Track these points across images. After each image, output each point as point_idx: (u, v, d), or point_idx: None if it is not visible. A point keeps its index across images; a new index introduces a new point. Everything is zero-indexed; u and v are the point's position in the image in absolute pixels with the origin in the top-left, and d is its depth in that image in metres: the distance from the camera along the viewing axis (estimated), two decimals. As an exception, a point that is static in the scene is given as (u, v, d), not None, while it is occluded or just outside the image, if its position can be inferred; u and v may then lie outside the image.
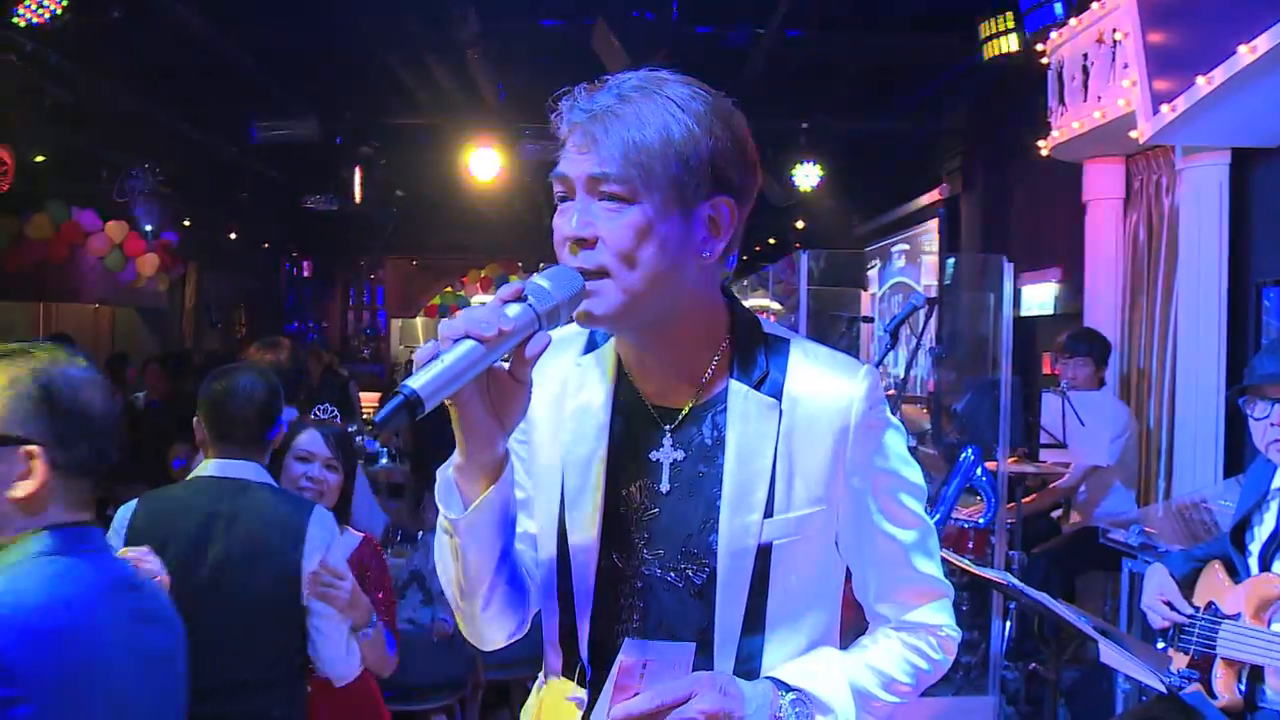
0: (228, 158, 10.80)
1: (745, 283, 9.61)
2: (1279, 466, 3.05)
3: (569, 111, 1.45)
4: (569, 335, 1.62)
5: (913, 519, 1.58)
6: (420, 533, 5.71)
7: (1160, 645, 3.19)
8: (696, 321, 1.52)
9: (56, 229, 10.97)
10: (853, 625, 1.63)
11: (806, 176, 9.77)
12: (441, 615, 5.06)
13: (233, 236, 14.53)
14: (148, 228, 11.26)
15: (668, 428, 1.54)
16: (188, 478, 3.01)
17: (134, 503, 2.87)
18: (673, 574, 1.52)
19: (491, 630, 1.61)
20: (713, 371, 1.53)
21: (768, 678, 1.50)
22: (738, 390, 1.51)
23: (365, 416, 12.20)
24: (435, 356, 1.29)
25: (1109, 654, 3.21)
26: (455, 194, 11.51)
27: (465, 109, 9.44)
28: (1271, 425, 2.99)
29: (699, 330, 1.53)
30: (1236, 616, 2.96)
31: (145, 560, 2.46)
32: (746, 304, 1.62)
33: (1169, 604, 3.15)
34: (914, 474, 1.58)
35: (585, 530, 1.54)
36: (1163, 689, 3.07)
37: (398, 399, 1.25)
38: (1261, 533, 3.06)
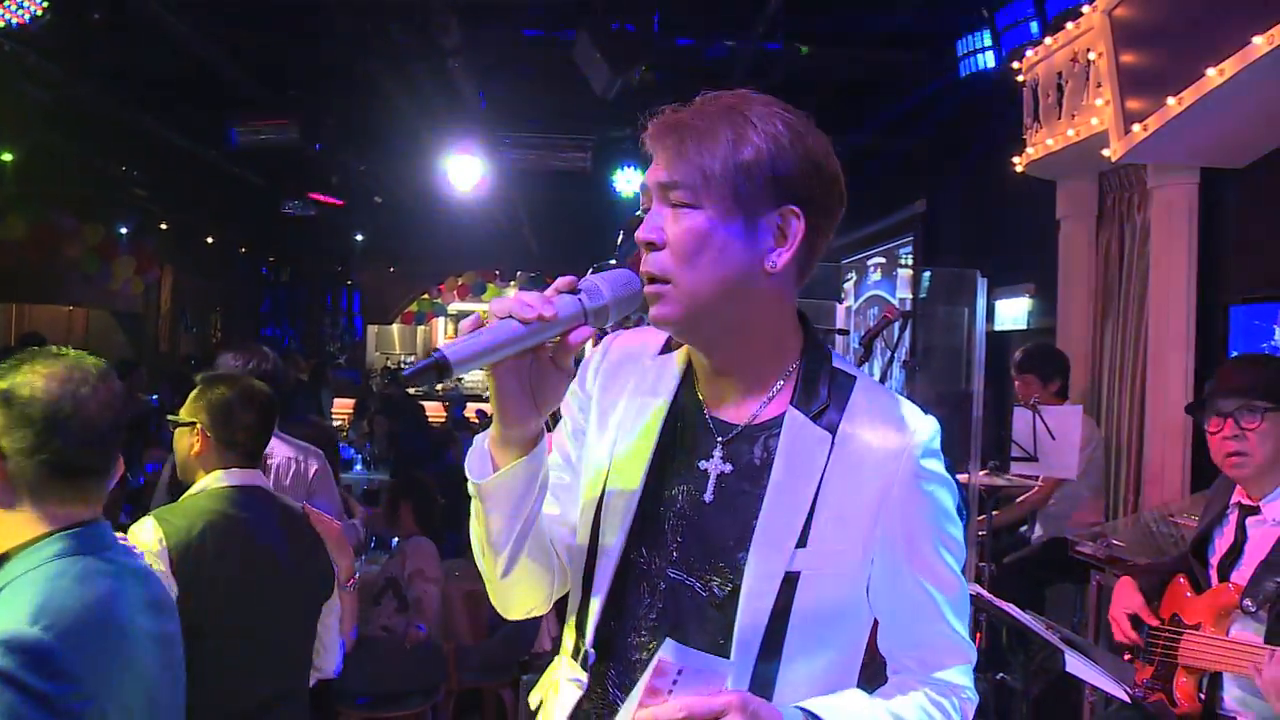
0: (207, 161, 10.78)
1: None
2: (1238, 485, 3.11)
3: (650, 126, 1.52)
4: (651, 334, 1.68)
5: (950, 577, 1.55)
6: (395, 539, 5.72)
7: (1126, 656, 3.24)
8: (764, 338, 1.55)
9: (31, 230, 10.92)
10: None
11: (785, 189, 9.77)
12: (416, 623, 5.07)
13: (210, 240, 14.50)
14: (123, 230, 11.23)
15: (720, 440, 1.56)
16: (204, 489, 2.94)
17: (154, 521, 2.77)
18: (698, 582, 1.54)
19: (512, 598, 1.70)
20: (775, 394, 1.56)
21: (798, 707, 1.47)
22: (794, 418, 1.53)
23: (340, 424, 12.19)
24: (476, 330, 1.38)
25: (1075, 665, 3.26)
26: (434, 201, 11.53)
27: (446, 116, 9.46)
28: (1224, 439, 3.05)
29: (766, 348, 1.56)
30: (1197, 626, 3.02)
31: None
32: None
33: (1135, 616, 3.21)
34: (956, 531, 1.56)
35: (617, 523, 1.58)
36: (1126, 698, 3.13)
37: (429, 359, 1.34)
38: (1221, 545, 3.13)
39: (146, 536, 2.74)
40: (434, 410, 13.53)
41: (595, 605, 1.60)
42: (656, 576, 1.56)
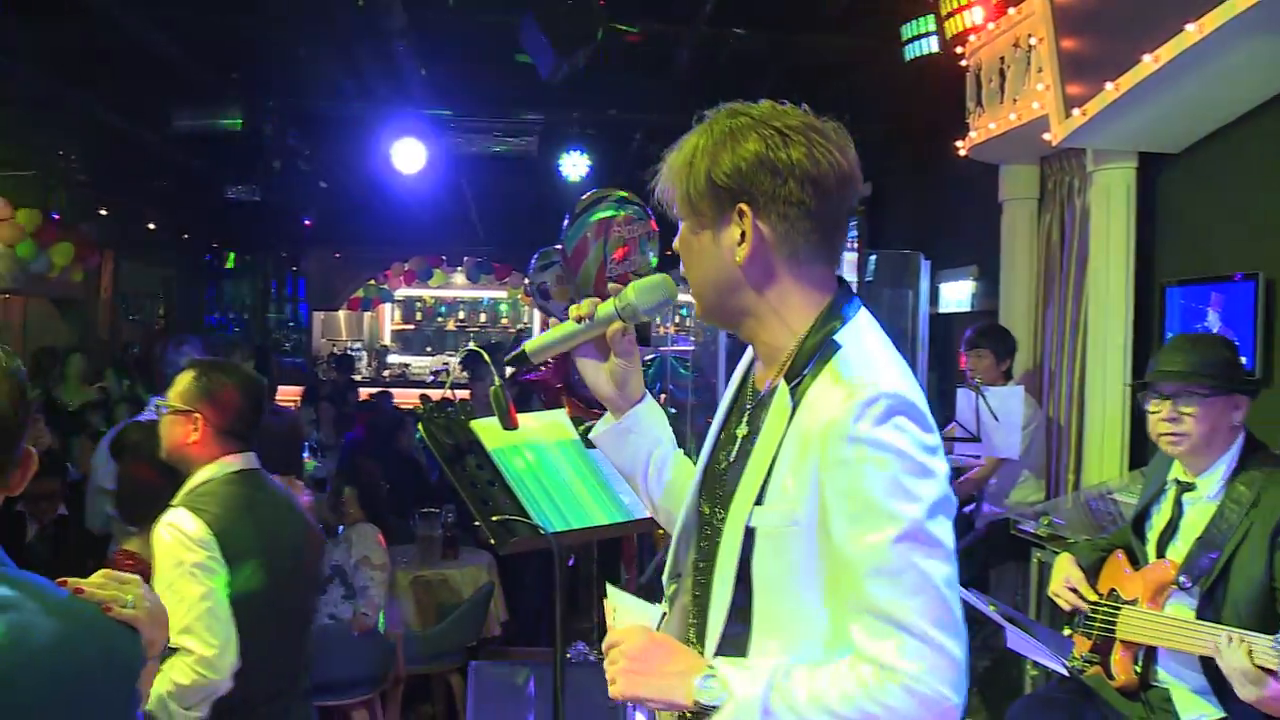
0: (148, 145, 10.60)
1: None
2: (1176, 461, 3.19)
3: None
4: None
5: (877, 544, 1.51)
6: (341, 527, 5.69)
7: (1066, 632, 3.31)
8: (771, 319, 1.72)
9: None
10: None
11: (730, 173, 9.81)
12: (362, 609, 5.05)
13: (151, 226, 14.28)
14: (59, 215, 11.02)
15: (748, 408, 1.79)
16: (217, 476, 3.04)
17: (188, 512, 2.90)
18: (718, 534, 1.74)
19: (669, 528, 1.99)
20: (784, 366, 1.71)
21: (709, 663, 1.65)
22: (780, 387, 1.68)
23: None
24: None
25: (1016, 641, 3.33)
26: (380, 186, 11.43)
27: (391, 100, 9.39)
28: (1162, 419, 3.13)
29: (776, 326, 1.72)
30: (1134, 601, 3.09)
31: None
32: None
33: (1075, 591, 3.28)
34: (902, 505, 1.52)
35: (694, 482, 1.87)
36: (1065, 672, 3.20)
37: (517, 350, 1.94)
38: (1159, 522, 3.20)
39: (189, 526, 2.87)
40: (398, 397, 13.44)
41: (670, 549, 1.90)
42: (705, 526, 1.80)
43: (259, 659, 2.93)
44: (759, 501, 1.63)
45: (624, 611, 1.84)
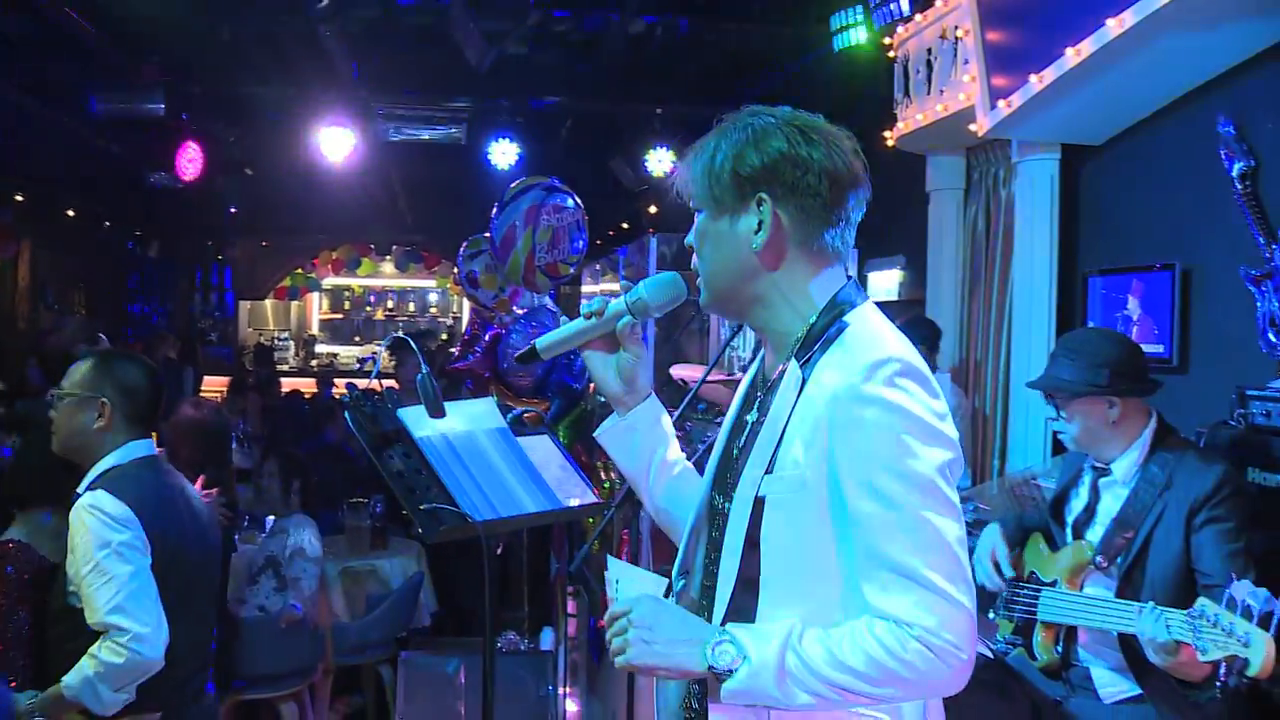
0: (66, 130, 10.35)
1: (597, 266, 9.74)
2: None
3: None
4: None
5: (890, 500, 1.57)
6: (270, 517, 5.62)
7: (990, 615, 3.36)
8: (782, 306, 1.79)
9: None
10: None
11: (660, 161, 9.86)
12: (291, 602, 4.99)
13: (71, 213, 13.95)
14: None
15: (759, 395, 1.84)
16: (128, 460, 3.08)
17: (106, 493, 2.95)
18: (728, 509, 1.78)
19: (671, 533, 2.08)
20: (791, 349, 1.78)
21: (721, 627, 1.68)
22: (791, 367, 1.75)
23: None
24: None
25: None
26: (306, 173, 11.28)
27: (317, 86, 9.26)
28: (1050, 419, 3.33)
29: (787, 313, 1.79)
30: (1054, 583, 3.15)
31: None
32: (596, 288, 1.84)
33: (996, 565, 3.35)
34: (912, 463, 1.58)
35: (707, 476, 1.92)
36: (990, 655, 3.26)
37: (528, 347, 2.00)
38: (1076, 505, 3.27)
39: (112, 507, 2.91)
40: (307, 385, 13.31)
41: (685, 536, 1.95)
42: (717, 517, 1.82)
43: (178, 643, 2.97)
44: (769, 471, 1.69)
45: (627, 582, 1.83)
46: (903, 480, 1.57)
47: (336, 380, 13.24)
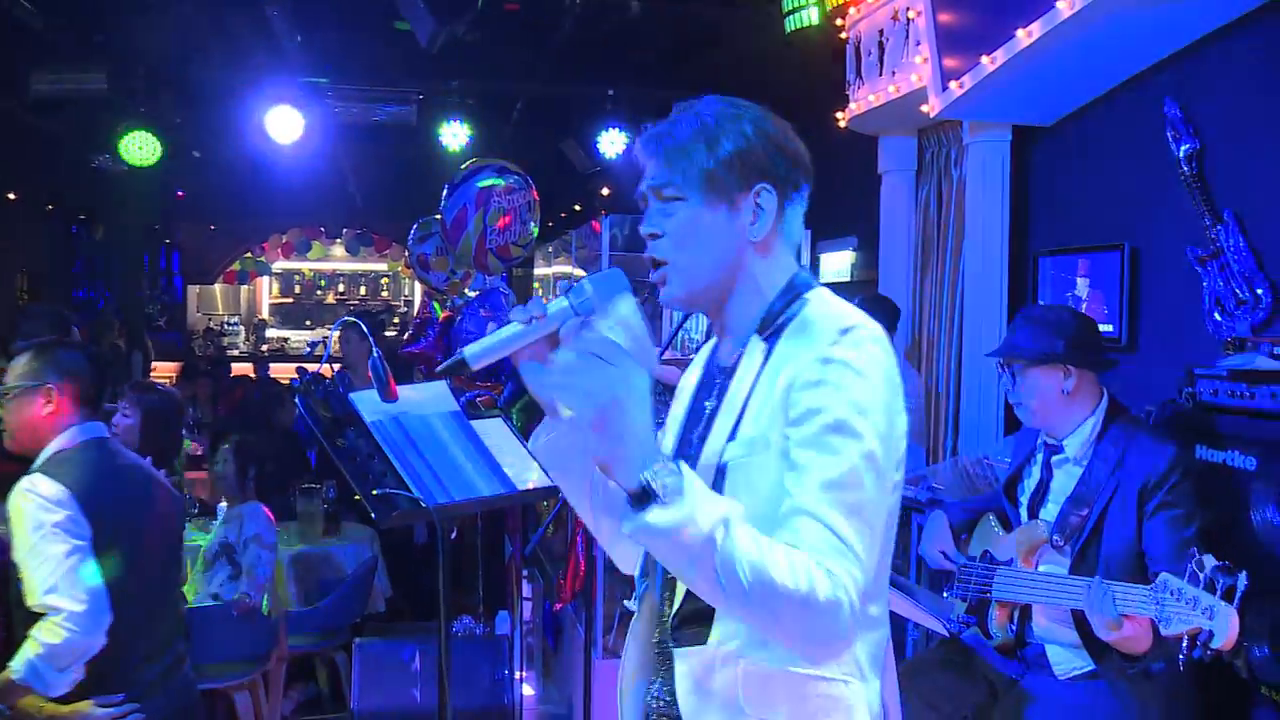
0: (5, 111, 10.13)
1: (550, 248, 9.68)
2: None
3: (639, 141, 1.83)
4: None
5: (838, 464, 1.58)
6: (221, 505, 5.56)
7: (945, 594, 3.39)
8: (755, 297, 1.80)
9: None
10: None
11: (612, 143, 9.82)
12: (245, 589, 4.94)
13: (12, 196, 13.69)
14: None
15: (718, 381, 1.83)
16: (74, 445, 3.13)
17: (44, 476, 3.01)
18: None
19: (616, 554, 2.00)
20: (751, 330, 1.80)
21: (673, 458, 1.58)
22: (754, 343, 1.78)
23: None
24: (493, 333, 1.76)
25: (898, 603, 3.39)
26: (255, 156, 11.13)
27: (265, 67, 9.13)
28: (1006, 389, 3.34)
29: (756, 300, 1.80)
30: (1009, 562, 3.18)
31: None
32: (548, 270, 1.80)
33: (944, 554, 3.38)
34: (861, 424, 1.59)
35: None
36: (945, 634, 3.28)
37: (454, 358, 1.75)
38: (1030, 485, 3.31)
39: (46, 489, 2.96)
40: (249, 370, 13.22)
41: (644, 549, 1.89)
42: None
43: (131, 621, 3.02)
44: (731, 438, 1.71)
45: (605, 292, 1.72)
46: (855, 441, 1.59)
47: (274, 365, 13.14)
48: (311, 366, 2.45)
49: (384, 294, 19.61)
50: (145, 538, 3.18)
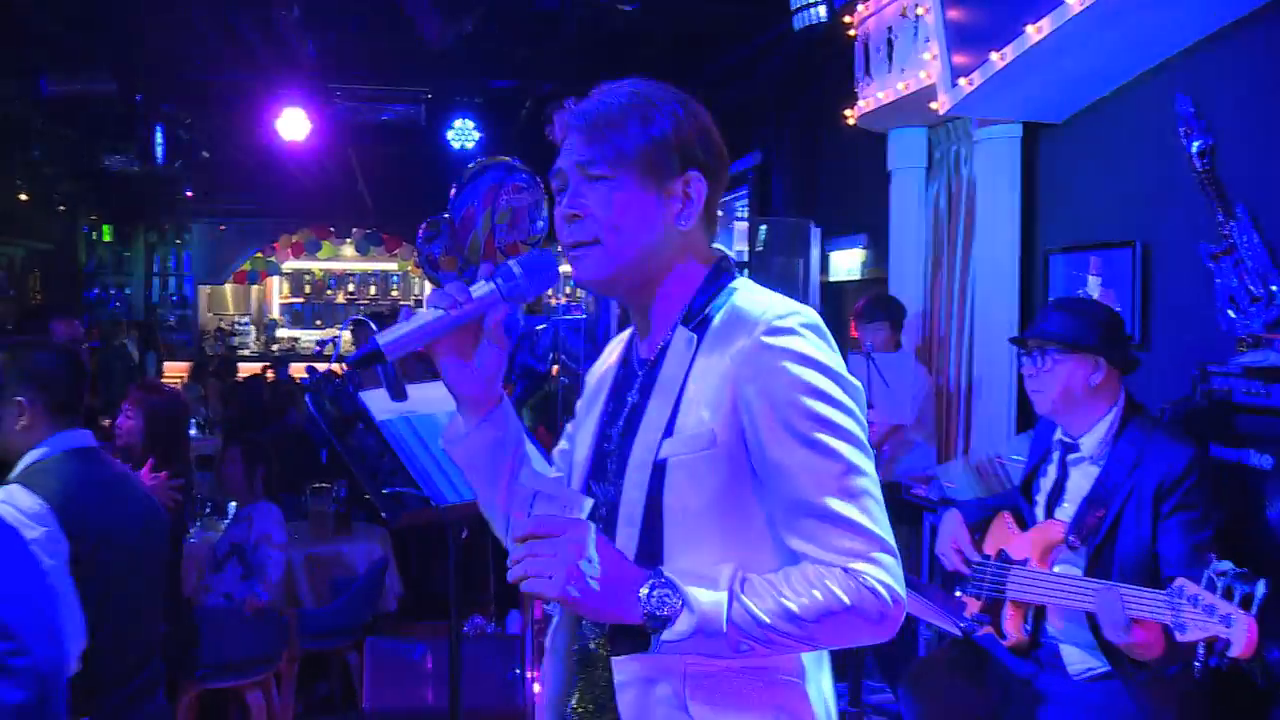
0: (16, 112, 10.15)
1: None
2: (1058, 424, 3.27)
3: (560, 116, 1.73)
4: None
5: (822, 453, 1.54)
6: (231, 504, 5.56)
7: (958, 593, 3.37)
8: (679, 284, 1.73)
9: None
10: None
11: (622, 142, 9.79)
12: (256, 589, 4.95)
13: (24, 198, 13.73)
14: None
15: (640, 374, 1.75)
16: (53, 455, 2.93)
17: (21, 488, 2.80)
18: (610, 496, 1.70)
19: None
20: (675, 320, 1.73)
21: (657, 568, 1.55)
22: (680, 333, 1.70)
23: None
24: (407, 319, 1.64)
25: (910, 603, 3.38)
26: (264, 156, 11.15)
27: (274, 67, 9.14)
28: (1028, 375, 3.26)
29: (677, 290, 1.73)
30: (1024, 561, 3.16)
31: None
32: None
33: (959, 551, 3.36)
34: (831, 410, 1.56)
35: (579, 468, 1.81)
36: (958, 633, 3.27)
37: (366, 348, 1.61)
38: (1046, 484, 3.28)
39: (23, 501, 2.75)
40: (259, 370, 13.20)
41: None
42: (602, 504, 1.71)
43: (105, 641, 2.85)
44: (668, 434, 1.62)
45: (545, 499, 1.55)
46: (828, 428, 1.55)
47: (298, 365, 13.15)
48: (322, 366, 2.44)
49: (394, 293, 19.57)
50: (126, 555, 3.00)
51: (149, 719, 3.12)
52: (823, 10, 6.64)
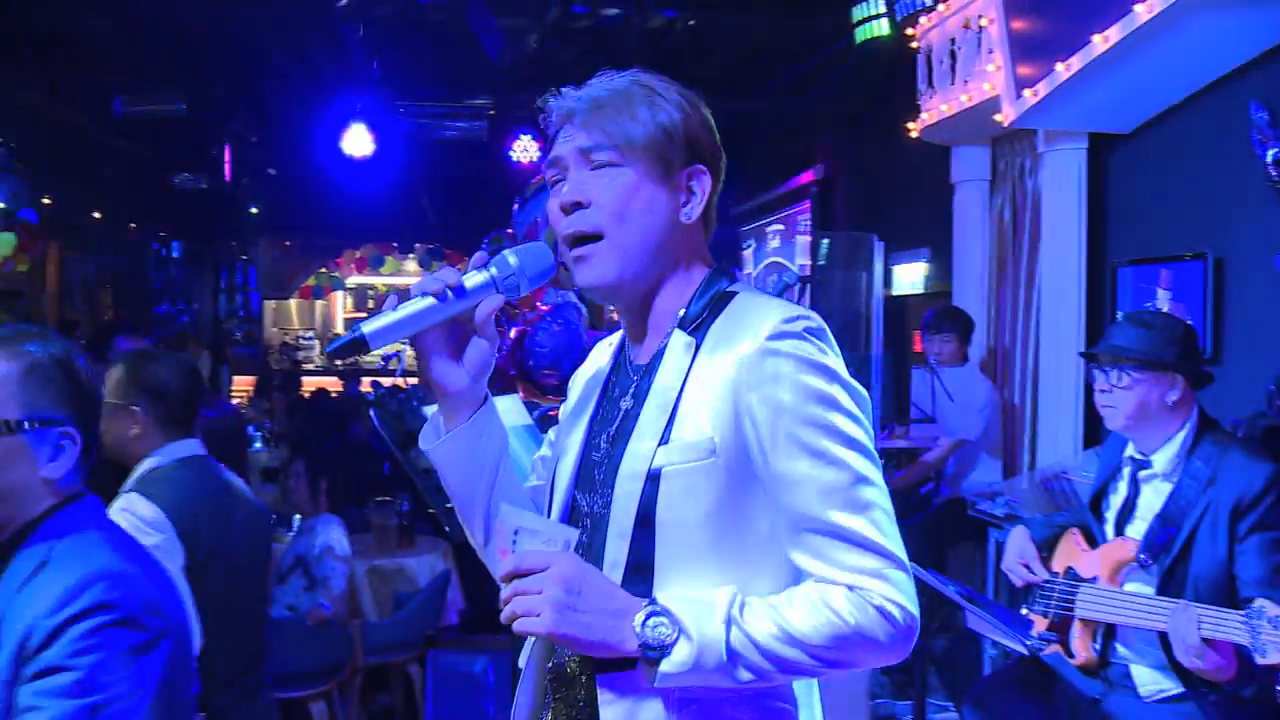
0: (90, 132, 10.40)
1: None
2: (1129, 439, 3.21)
3: (559, 103, 1.62)
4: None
5: (829, 463, 1.46)
6: (295, 516, 5.62)
7: (1025, 611, 3.32)
8: (678, 287, 1.64)
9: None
10: None
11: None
12: (320, 600, 5.00)
13: (97, 215, 14.04)
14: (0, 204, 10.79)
15: (634, 379, 1.65)
16: (167, 464, 3.04)
17: (139, 496, 2.89)
18: (606, 511, 1.58)
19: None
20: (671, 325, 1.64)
21: (651, 598, 1.47)
22: (677, 337, 1.60)
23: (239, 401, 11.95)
24: (394, 307, 1.55)
25: (975, 620, 3.34)
26: (329, 173, 11.30)
27: (339, 85, 9.27)
28: (1099, 390, 3.16)
29: (675, 293, 1.64)
30: (1094, 579, 3.10)
31: None
32: None
33: (1027, 567, 3.30)
34: (836, 416, 1.48)
35: (564, 476, 1.69)
36: (1025, 651, 3.21)
37: (349, 336, 1.53)
38: (1116, 500, 3.22)
39: (144, 510, 2.85)
40: (333, 385, 13.37)
41: None
42: (587, 515, 1.62)
43: (217, 644, 2.94)
44: (663, 442, 1.53)
45: (530, 535, 1.48)
46: (843, 441, 1.47)
47: (363, 379, 13.30)
48: (387, 381, 2.46)
49: (456, 307, 19.80)
50: (237, 559, 3.11)
51: (257, 713, 3.23)
52: (885, 24, 6.62)
